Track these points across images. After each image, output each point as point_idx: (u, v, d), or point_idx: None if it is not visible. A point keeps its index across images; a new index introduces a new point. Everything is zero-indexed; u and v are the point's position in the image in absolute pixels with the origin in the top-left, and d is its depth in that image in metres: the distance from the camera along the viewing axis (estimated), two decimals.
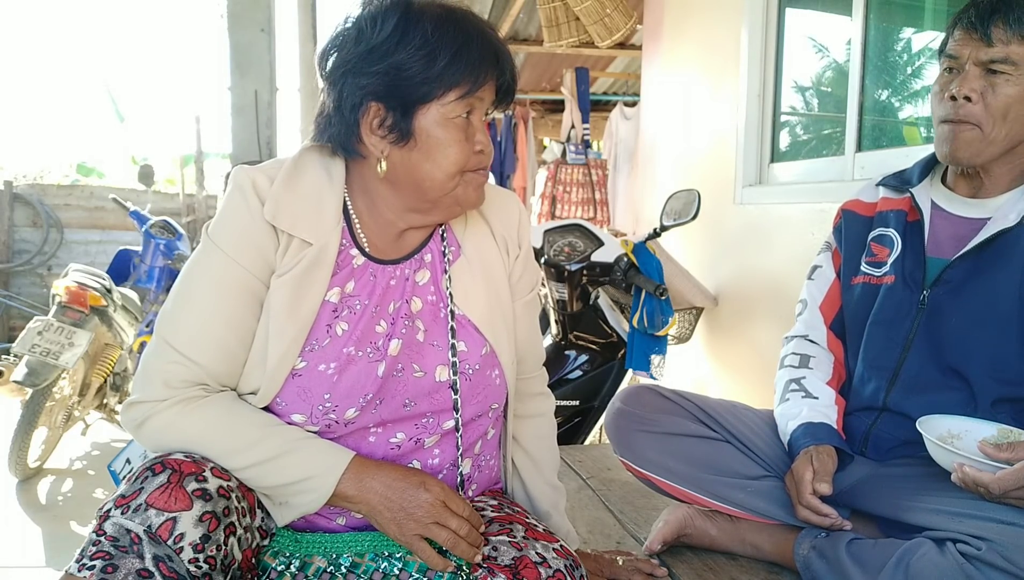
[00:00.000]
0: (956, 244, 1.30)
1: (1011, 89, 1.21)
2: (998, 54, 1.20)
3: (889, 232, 1.40)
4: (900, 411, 1.32)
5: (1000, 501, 1.08)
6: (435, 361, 1.07)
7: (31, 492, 3.19)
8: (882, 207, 1.44)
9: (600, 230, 2.64)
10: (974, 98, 1.22)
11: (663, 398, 1.51)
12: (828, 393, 1.40)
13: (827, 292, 1.50)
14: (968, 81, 1.23)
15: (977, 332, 1.25)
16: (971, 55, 1.23)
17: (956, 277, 1.27)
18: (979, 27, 1.21)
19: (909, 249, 1.35)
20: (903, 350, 1.32)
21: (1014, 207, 1.24)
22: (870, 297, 1.39)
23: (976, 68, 1.23)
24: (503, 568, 0.95)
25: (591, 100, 6.65)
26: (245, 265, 1.00)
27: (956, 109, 1.24)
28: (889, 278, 1.36)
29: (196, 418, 0.97)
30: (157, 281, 3.90)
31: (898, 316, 1.33)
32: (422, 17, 0.99)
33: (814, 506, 1.25)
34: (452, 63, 0.98)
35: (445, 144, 1.01)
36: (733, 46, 2.99)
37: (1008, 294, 1.22)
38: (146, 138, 18.19)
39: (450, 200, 1.06)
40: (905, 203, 1.40)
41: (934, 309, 1.29)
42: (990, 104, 1.22)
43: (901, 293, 1.34)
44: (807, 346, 1.48)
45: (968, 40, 1.24)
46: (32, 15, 31.56)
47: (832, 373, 1.44)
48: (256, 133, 3.62)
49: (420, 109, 1.00)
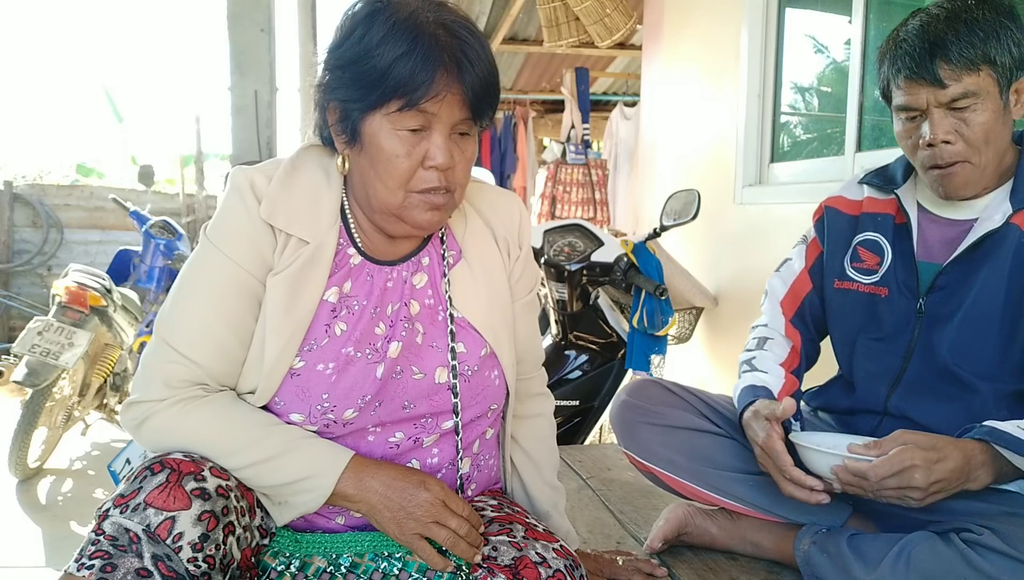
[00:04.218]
0: (946, 248, 1.29)
1: (982, 116, 1.18)
2: (956, 92, 1.17)
3: (877, 238, 1.38)
4: (903, 415, 1.32)
5: (878, 495, 1.11)
6: (434, 363, 1.07)
7: (31, 492, 3.19)
8: (868, 208, 1.42)
9: (600, 230, 2.64)
10: (952, 139, 1.20)
11: (668, 391, 1.51)
12: (777, 370, 1.40)
13: (790, 286, 1.49)
14: (939, 125, 1.20)
15: (974, 335, 1.24)
16: (929, 100, 1.20)
17: (950, 282, 1.27)
18: (925, 74, 1.18)
19: (899, 255, 1.34)
20: (904, 359, 1.32)
21: (999, 208, 1.24)
22: (860, 306, 1.38)
23: (940, 110, 1.19)
24: (503, 568, 0.95)
25: (591, 100, 6.65)
26: (243, 265, 1.00)
27: (939, 154, 1.21)
28: (883, 290, 1.35)
29: (195, 418, 0.97)
30: (157, 281, 3.90)
31: (897, 329, 1.33)
32: (379, 21, 0.95)
33: (798, 479, 1.21)
34: (388, 74, 0.93)
35: (386, 155, 0.97)
36: (733, 46, 2.99)
37: (996, 295, 1.22)
38: (146, 138, 18.23)
39: (395, 218, 1.02)
40: (891, 205, 1.38)
41: (932, 316, 1.29)
42: (969, 137, 1.19)
43: (898, 305, 1.33)
44: (766, 331, 1.49)
45: (918, 88, 1.20)
46: (32, 15, 31.56)
47: (786, 356, 1.44)
48: (256, 133, 3.62)
49: (367, 115, 0.97)
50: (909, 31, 1.22)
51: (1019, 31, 1.18)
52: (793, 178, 2.74)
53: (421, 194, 1.00)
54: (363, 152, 1.00)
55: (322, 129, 1.06)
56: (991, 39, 1.16)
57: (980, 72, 1.16)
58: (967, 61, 1.16)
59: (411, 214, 1.01)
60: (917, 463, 1.06)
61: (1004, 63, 1.17)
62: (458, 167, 1.01)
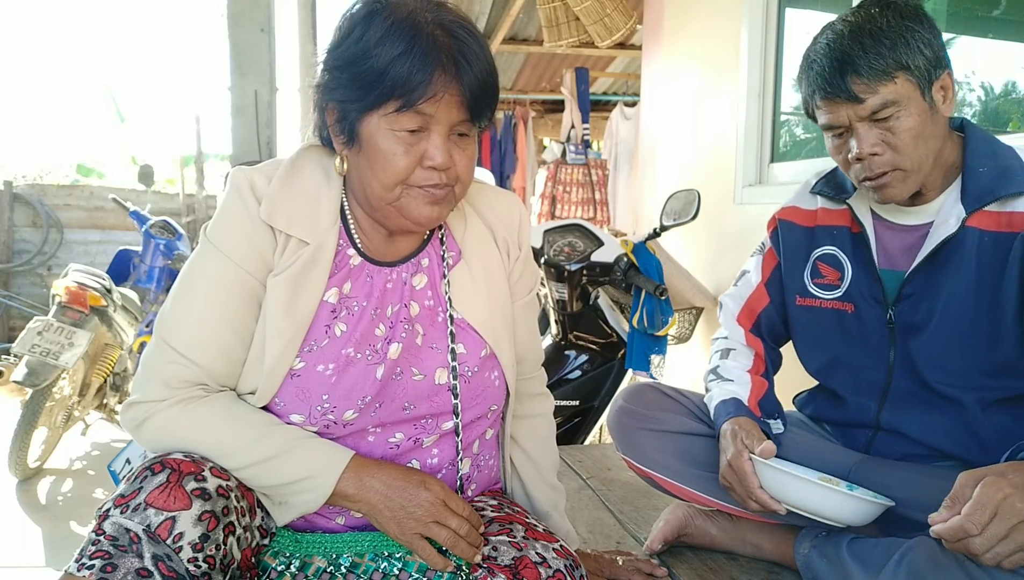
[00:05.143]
0: (907, 254, 1.28)
1: (907, 122, 1.16)
2: (874, 104, 1.16)
3: (835, 252, 1.36)
4: (896, 430, 1.32)
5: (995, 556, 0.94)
6: (434, 364, 1.07)
7: (31, 492, 3.19)
8: (822, 220, 1.40)
9: (600, 230, 2.64)
10: (880, 150, 1.18)
11: (665, 396, 1.51)
12: (743, 376, 1.40)
13: (746, 301, 1.49)
14: (865, 139, 1.18)
15: (949, 348, 1.24)
16: (850, 116, 1.18)
17: (916, 290, 1.26)
18: (839, 92, 1.17)
19: (860, 267, 1.33)
20: (887, 373, 1.31)
21: (951, 210, 1.22)
22: (826, 323, 1.37)
23: (863, 124, 1.18)
24: (503, 568, 0.95)
25: (591, 100, 6.65)
26: (243, 265, 1.00)
27: (870, 167, 1.20)
28: (848, 306, 1.34)
29: (195, 418, 0.97)
30: (157, 281, 3.91)
31: (872, 344, 1.32)
32: (377, 22, 0.95)
33: (763, 501, 1.21)
34: (385, 74, 0.93)
35: (384, 155, 0.97)
36: (733, 46, 2.99)
37: (966, 301, 1.21)
38: (146, 138, 18.22)
39: (393, 211, 1.02)
40: (845, 216, 1.36)
41: (904, 326, 1.28)
42: (897, 145, 1.18)
43: (867, 318, 1.32)
44: (727, 343, 1.49)
45: (837, 106, 1.19)
46: (32, 15, 31.58)
47: (751, 362, 1.44)
48: (256, 133, 3.62)
49: (365, 116, 0.97)
50: (818, 51, 1.21)
51: (928, 31, 1.17)
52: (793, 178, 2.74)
53: (420, 188, 0.99)
54: (361, 153, 1.00)
55: (321, 129, 1.06)
56: (899, 45, 1.15)
57: (896, 80, 1.15)
58: (879, 72, 1.14)
59: (410, 207, 1.01)
60: (1007, 491, 0.92)
61: (919, 65, 1.15)
62: (459, 164, 1.01)
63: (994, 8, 2.37)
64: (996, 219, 1.19)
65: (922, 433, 1.28)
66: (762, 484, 1.21)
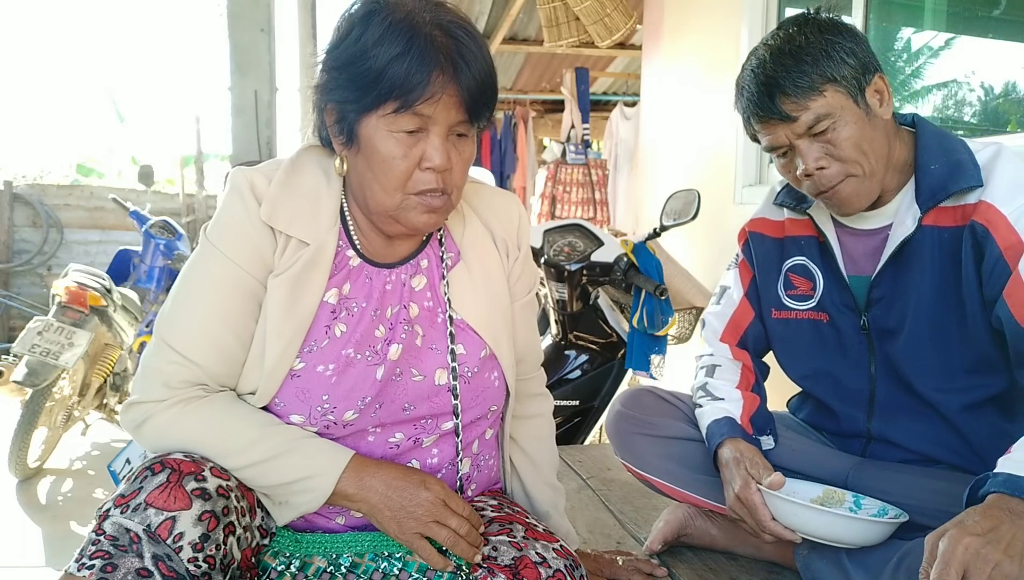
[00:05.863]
0: (871, 259, 1.28)
1: (846, 131, 1.17)
2: (808, 120, 1.16)
3: (805, 262, 1.37)
4: (886, 439, 1.31)
5: None
6: (434, 365, 1.07)
7: (31, 492, 3.19)
8: (790, 230, 1.40)
9: (600, 230, 2.64)
10: (825, 164, 1.19)
11: (663, 401, 1.50)
12: (733, 393, 1.39)
13: (730, 318, 1.47)
14: (808, 155, 1.19)
15: (924, 351, 1.24)
16: (787, 135, 1.19)
17: (885, 293, 1.26)
18: (772, 114, 1.18)
19: (829, 275, 1.33)
20: (870, 382, 1.31)
21: (908, 211, 1.22)
22: (804, 334, 1.37)
23: (802, 140, 1.19)
24: (503, 568, 0.95)
25: (591, 100, 6.66)
26: (243, 266, 1.00)
27: (819, 181, 1.20)
28: (822, 316, 1.34)
29: (195, 418, 0.97)
30: (157, 281, 3.91)
31: (851, 352, 1.32)
32: (375, 22, 0.94)
33: (777, 533, 1.20)
34: (383, 75, 0.92)
35: (383, 157, 0.97)
36: (733, 46, 2.99)
37: (934, 300, 1.21)
38: (146, 138, 18.20)
39: (391, 220, 1.02)
40: (810, 225, 1.36)
41: (879, 331, 1.28)
42: (842, 155, 1.18)
43: (842, 327, 1.32)
44: (712, 359, 1.47)
45: (773, 127, 1.20)
46: (33, 15, 31.59)
47: (739, 377, 1.43)
48: (256, 133, 3.62)
49: (364, 117, 0.97)
50: (745, 77, 1.22)
51: (850, 40, 1.18)
52: None
53: (418, 196, 1.00)
54: (360, 153, 1.00)
55: (321, 130, 1.06)
56: (822, 59, 1.15)
57: (824, 93, 1.15)
58: (805, 89, 1.15)
59: (407, 216, 1.01)
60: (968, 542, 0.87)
61: (845, 76, 1.16)
62: (455, 169, 1.01)
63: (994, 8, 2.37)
64: (952, 215, 1.19)
65: (913, 442, 1.28)
66: (775, 516, 1.20)
